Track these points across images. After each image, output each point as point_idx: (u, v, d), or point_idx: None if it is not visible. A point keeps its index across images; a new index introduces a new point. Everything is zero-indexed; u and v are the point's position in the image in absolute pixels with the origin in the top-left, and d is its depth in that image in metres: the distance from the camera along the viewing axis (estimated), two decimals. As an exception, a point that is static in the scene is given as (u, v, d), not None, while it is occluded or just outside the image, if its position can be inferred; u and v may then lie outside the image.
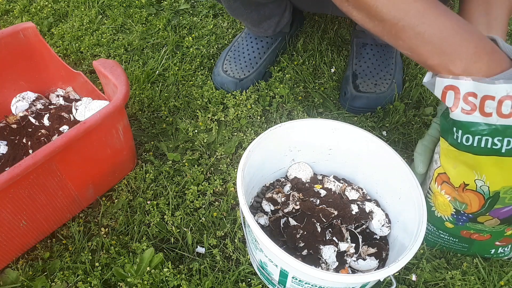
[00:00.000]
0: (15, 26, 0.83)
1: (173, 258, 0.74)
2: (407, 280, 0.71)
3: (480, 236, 0.66)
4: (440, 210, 0.66)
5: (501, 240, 0.67)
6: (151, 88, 1.02)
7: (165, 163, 0.87)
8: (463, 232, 0.67)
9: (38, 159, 0.61)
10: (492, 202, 0.59)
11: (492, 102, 0.51)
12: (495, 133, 0.53)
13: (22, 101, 0.87)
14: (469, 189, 0.59)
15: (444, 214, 0.66)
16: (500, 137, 0.53)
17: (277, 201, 0.73)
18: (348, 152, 0.75)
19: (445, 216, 0.66)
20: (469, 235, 0.67)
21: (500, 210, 0.60)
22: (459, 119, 0.54)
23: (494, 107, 0.52)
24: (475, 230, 0.65)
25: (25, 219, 0.68)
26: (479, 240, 0.67)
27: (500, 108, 0.52)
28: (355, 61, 1.01)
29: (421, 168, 0.68)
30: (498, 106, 0.52)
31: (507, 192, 0.57)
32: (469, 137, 0.55)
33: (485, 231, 0.65)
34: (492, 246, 0.69)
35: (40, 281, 0.70)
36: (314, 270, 0.52)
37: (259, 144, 0.67)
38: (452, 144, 0.57)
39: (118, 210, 0.80)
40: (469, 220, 0.63)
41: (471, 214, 0.62)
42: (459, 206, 0.62)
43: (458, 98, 0.53)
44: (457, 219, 0.64)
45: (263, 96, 0.99)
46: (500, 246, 0.69)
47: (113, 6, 1.25)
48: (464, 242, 0.69)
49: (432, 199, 0.67)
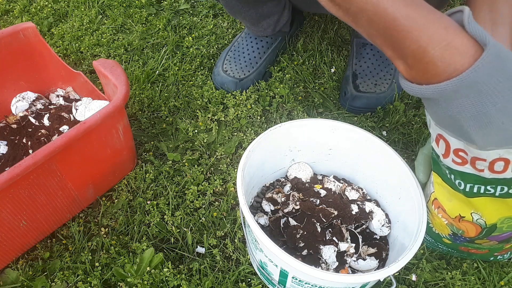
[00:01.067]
0: (15, 26, 0.83)
1: (173, 258, 0.74)
2: (407, 280, 0.71)
3: (478, 250, 0.66)
4: (438, 229, 0.66)
5: (500, 252, 0.67)
6: (151, 88, 1.02)
7: (165, 163, 0.87)
8: (461, 247, 0.67)
9: (38, 159, 0.61)
10: (489, 231, 0.58)
11: (483, 163, 0.49)
12: (488, 183, 0.51)
13: (22, 101, 0.87)
14: (465, 220, 0.59)
15: (441, 233, 0.66)
16: (494, 185, 0.52)
17: (277, 201, 0.73)
18: (348, 152, 0.75)
19: (443, 234, 0.66)
20: (467, 250, 0.67)
21: (498, 236, 0.59)
22: (450, 167, 0.53)
23: (485, 166, 0.49)
24: (473, 247, 0.65)
25: (25, 219, 0.68)
26: (478, 253, 0.67)
27: (492, 167, 0.49)
28: (355, 61, 1.01)
29: (421, 177, 0.67)
30: (490, 166, 0.49)
31: (504, 222, 0.56)
32: (461, 182, 0.54)
33: (484, 248, 0.65)
34: (491, 256, 0.69)
35: (40, 281, 0.70)
36: (314, 270, 0.52)
37: (259, 144, 0.67)
38: (445, 182, 0.56)
39: (118, 210, 0.80)
40: (466, 241, 0.63)
41: (469, 238, 0.62)
42: (456, 231, 0.62)
43: (448, 150, 0.51)
44: (454, 239, 0.64)
45: (263, 96, 0.99)
46: (499, 255, 0.69)
47: (113, 6, 1.25)
48: (462, 253, 0.69)
49: (430, 217, 0.66)
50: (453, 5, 1.22)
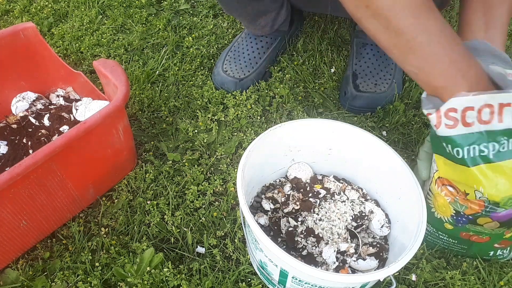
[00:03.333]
0: (15, 26, 0.83)
1: (173, 258, 0.74)
2: (407, 280, 0.71)
3: (479, 238, 0.66)
4: (440, 212, 0.66)
5: (500, 242, 0.67)
6: (151, 88, 1.02)
7: (165, 163, 0.87)
8: (462, 234, 0.67)
9: (38, 159, 0.61)
10: (493, 208, 0.59)
11: (472, 112, 0.55)
12: (480, 140, 0.55)
13: (22, 101, 0.87)
14: (469, 198, 0.60)
15: (444, 215, 0.66)
16: (485, 142, 0.55)
17: (277, 200, 0.73)
18: (348, 152, 0.75)
19: (445, 218, 0.66)
20: (468, 237, 0.67)
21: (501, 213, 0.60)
22: (445, 135, 0.57)
23: (475, 116, 0.55)
24: (474, 231, 0.65)
25: (25, 219, 0.68)
26: (478, 242, 0.67)
27: (480, 116, 0.55)
28: (355, 61, 1.01)
29: (424, 174, 0.68)
30: (478, 115, 0.55)
31: (507, 203, 0.58)
32: (459, 150, 0.57)
33: (484, 233, 0.65)
34: (491, 248, 0.69)
35: (40, 281, 0.70)
36: (314, 270, 0.52)
37: (259, 144, 0.67)
38: (448, 158, 0.59)
39: (118, 210, 0.80)
40: (468, 222, 0.63)
41: (471, 216, 0.62)
42: (459, 207, 0.62)
43: (439, 116, 0.56)
44: (456, 220, 0.64)
45: (263, 96, 0.99)
46: (499, 249, 0.69)
47: (113, 6, 1.25)
48: (463, 244, 0.69)
49: (432, 200, 0.67)
50: (453, 5, 1.22)
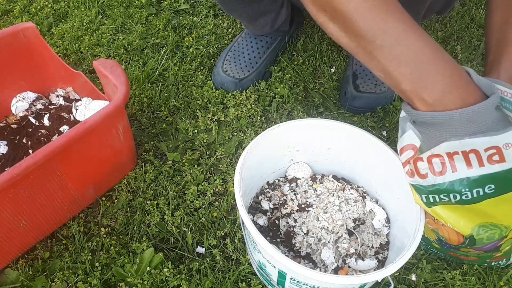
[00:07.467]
0: (15, 26, 0.83)
1: (173, 258, 0.74)
2: (407, 280, 0.71)
3: (468, 257, 0.65)
4: (426, 233, 0.65)
5: (492, 259, 0.65)
6: (151, 88, 1.02)
7: (165, 163, 0.87)
8: (451, 253, 0.66)
9: (38, 159, 0.62)
10: (471, 243, 0.57)
11: (422, 163, 0.53)
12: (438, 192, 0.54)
13: (22, 101, 0.87)
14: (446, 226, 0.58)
15: (430, 237, 0.65)
16: (445, 193, 0.53)
17: (276, 200, 0.73)
18: (347, 152, 0.75)
19: (431, 239, 0.65)
20: (457, 256, 0.66)
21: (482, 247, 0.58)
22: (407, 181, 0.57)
23: (426, 167, 0.53)
24: (461, 254, 0.64)
25: (25, 219, 0.68)
26: (469, 260, 0.66)
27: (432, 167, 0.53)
28: (355, 61, 1.01)
29: None
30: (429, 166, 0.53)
31: (480, 233, 0.54)
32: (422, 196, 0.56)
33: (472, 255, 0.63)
34: (483, 262, 0.67)
35: (40, 281, 0.70)
36: (311, 272, 0.52)
37: (256, 145, 0.67)
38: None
39: (118, 210, 0.80)
40: (452, 248, 0.62)
41: (453, 246, 0.61)
42: (440, 237, 0.61)
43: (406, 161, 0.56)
44: (441, 244, 0.63)
45: (263, 96, 0.99)
46: (493, 261, 0.67)
47: (113, 6, 1.25)
48: (453, 258, 0.68)
49: None
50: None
